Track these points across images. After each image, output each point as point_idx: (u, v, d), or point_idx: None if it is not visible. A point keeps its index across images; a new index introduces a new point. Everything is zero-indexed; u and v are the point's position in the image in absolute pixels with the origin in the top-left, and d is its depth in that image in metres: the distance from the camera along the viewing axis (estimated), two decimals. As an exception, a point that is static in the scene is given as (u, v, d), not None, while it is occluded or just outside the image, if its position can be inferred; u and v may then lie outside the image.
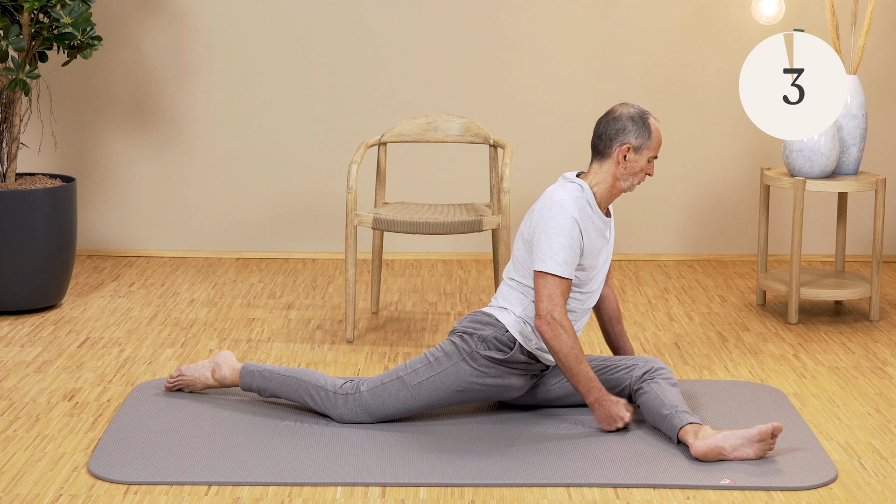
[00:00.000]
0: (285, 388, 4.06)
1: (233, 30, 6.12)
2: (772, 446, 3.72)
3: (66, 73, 6.05)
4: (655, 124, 3.99)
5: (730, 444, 3.71)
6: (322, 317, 5.24)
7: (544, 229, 3.91)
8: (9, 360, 4.63)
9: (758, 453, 3.71)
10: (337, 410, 3.97)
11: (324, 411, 3.99)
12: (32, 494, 3.49)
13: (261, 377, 4.11)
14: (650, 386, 3.95)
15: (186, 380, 4.22)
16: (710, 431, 3.75)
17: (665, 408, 3.86)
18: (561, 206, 3.91)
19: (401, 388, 3.95)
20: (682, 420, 3.81)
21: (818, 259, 6.27)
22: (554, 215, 3.91)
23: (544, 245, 3.89)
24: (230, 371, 4.18)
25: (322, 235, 6.24)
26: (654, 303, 5.52)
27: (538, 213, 3.96)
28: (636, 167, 3.99)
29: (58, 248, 5.20)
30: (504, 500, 3.50)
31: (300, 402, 4.05)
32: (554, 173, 6.18)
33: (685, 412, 3.84)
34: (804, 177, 5.19)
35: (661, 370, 4.01)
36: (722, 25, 6.12)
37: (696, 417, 3.82)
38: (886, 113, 6.18)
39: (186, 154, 6.20)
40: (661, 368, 4.02)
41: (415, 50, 6.13)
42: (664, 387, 3.94)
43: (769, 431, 3.69)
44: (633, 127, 3.96)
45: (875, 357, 4.79)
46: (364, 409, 3.95)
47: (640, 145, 3.98)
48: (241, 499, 3.48)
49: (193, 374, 4.22)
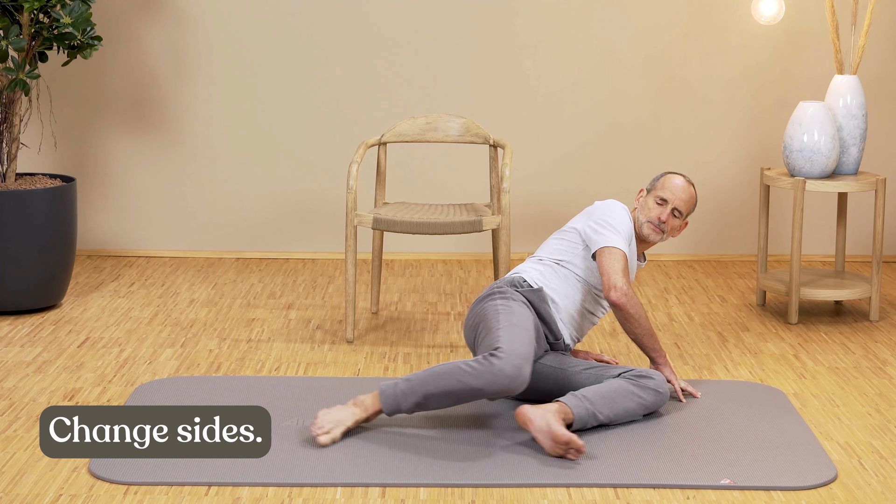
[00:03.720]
0: (433, 379, 3.82)
1: (233, 30, 6.12)
2: (568, 456, 3.70)
3: (66, 73, 6.05)
4: (676, 176, 4.34)
5: (538, 424, 3.74)
6: (322, 317, 5.24)
7: (604, 216, 4.24)
8: (9, 360, 4.63)
9: (550, 450, 3.72)
10: (495, 370, 3.78)
11: (482, 384, 3.78)
12: (32, 494, 3.49)
13: (403, 382, 3.86)
14: (618, 381, 4.01)
15: (333, 417, 3.86)
16: (559, 409, 3.82)
17: (588, 392, 3.95)
18: (618, 205, 4.30)
19: (512, 328, 3.97)
20: (569, 401, 3.89)
21: (818, 259, 6.27)
22: (613, 208, 4.27)
23: (606, 226, 4.21)
24: (370, 396, 3.91)
25: (322, 235, 6.24)
26: (654, 303, 5.52)
27: (598, 207, 4.30)
28: (646, 207, 4.31)
29: (58, 248, 5.20)
30: (504, 500, 3.50)
31: (454, 390, 3.80)
32: (554, 173, 6.19)
33: (575, 396, 3.90)
34: (804, 177, 5.19)
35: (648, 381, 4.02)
36: (722, 25, 6.12)
37: (580, 407, 3.86)
38: (886, 113, 6.18)
39: (186, 154, 6.20)
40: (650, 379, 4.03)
41: (415, 50, 6.13)
42: (617, 386, 3.97)
43: (566, 441, 3.68)
44: (655, 178, 4.39)
45: (875, 357, 4.79)
46: (516, 354, 3.84)
47: (651, 187, 4.35)
48: (241, 499, 3.48)
49: (337, 415, 3.87)
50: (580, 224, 4.28)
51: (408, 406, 3.85)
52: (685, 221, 4.36)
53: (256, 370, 4.56)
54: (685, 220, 4.36)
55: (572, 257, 4.25)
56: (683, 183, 4.32)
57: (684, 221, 4.36)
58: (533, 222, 6.20)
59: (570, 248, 4.26)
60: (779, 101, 6.13)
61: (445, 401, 3.84)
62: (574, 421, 3.87)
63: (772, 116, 6.15)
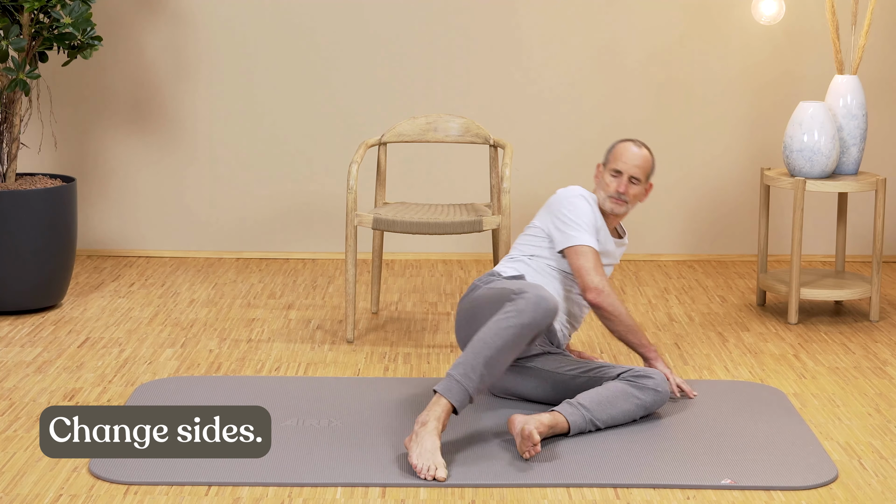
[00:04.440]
0: (482, 346, 3.73)
1: (233, 30, 6.12)
2: (530, 451, 3.67)
3: (66, 73, 6.05)
4: (625, 143, 4.26)
5: (517, 427, 3.71)
6: (322, 317, 5.24)
7: (565, 211, 4.21)
8: (9, 360, 4.63)
9: (519, 448, 3.70)
10: (532, 298, 3.78)
11: (529, 318, 3.75)
12: (32, 494, 3.49)
13: (456, 369, 3.73)
14: (615, 384, 3.99)
15: (425, 452, 3.64)
16: (550, 419, 3.80)
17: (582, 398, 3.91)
18: (577, 193, 4.25)
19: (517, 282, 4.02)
20: (564, 410, 3.86)
21: (818, 259, 6.27)
22: (572, 200, 4.23)
23: (569, 223, 4.19)
24: (432, 405, 3.71)
25: (322, 235, 6.24)
26: (654, 303, 5.52)
27: (557, 199, 4.25)
28: (604, 182, 4.27)
29: (58, 248, 5.20)
30: (504, 500, 3.50)
31: (507, 339, 3.73)
32: (554, 173, 6.18)
33: (570, 404, 3.87)
34: (804, 177, 5.19)
35: (647, 381, 4.00)
36: (722, 25, 6.12)
37: (575, 415, 3.84)
38: (886, 113, 6.18)
39: (186, 154, 6.20)
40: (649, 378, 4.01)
41: (415, 50, 6.13)
42: (614, 388, 3.96)
43: (526, 434, 3.64)
44: (607, 150, 4.33)
45: (875, 357, 4.79)
46: (536, 286, 3.88)
47: (605, 160, 4.30)
48: (241, 499, 3.48)
49: (423, 447, 3.65)
50: (543, 222, 4.28)
51: (475, 384, 3.70)
52: (649, 184, 4.30)
53: (256, 370, 4.56)
54: (649, 183, 4.30)
55: (541, 251, 4.26)
56: (634, 148, 4.26)
57: (648, 184, 4.29)
58: (533, 222, 6.20)
59: (537, 242, 4.27)
60: (779, 101, 6.13)
61: (504, 355, 3.74)
62: (570, 429, 3.86)
63: (772, 116, 6.15)
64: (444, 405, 3.69)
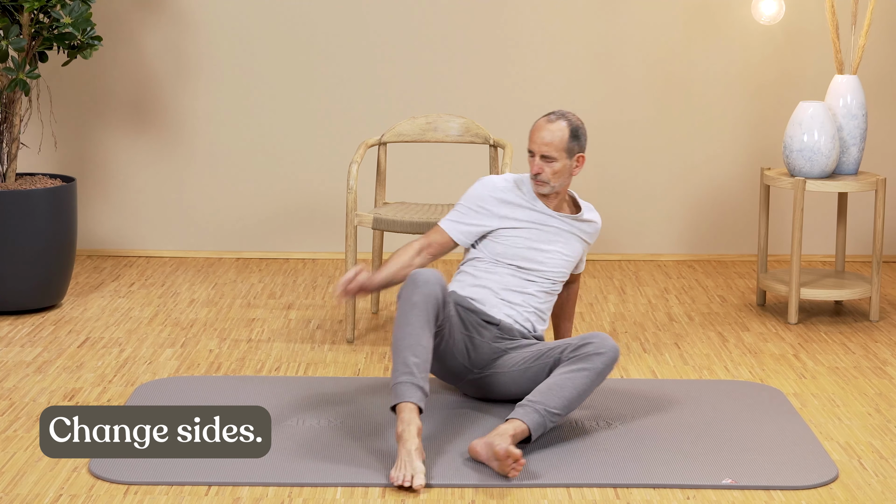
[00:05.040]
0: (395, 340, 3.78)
1: (233, 29, 6.12)
2: (514, 469, 3.56)
3: (66, 73, 6.05)
4: (539, 121, 4.15)
5: (485, 454, 3.63)
6: (322, 317, 5.24)
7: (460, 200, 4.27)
8: (9, 360, 4.63)
9: (499, 469, 3.59)
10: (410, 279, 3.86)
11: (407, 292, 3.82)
12: (32, 494, 3.49)
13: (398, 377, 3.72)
14: (559, 368, 3.88)
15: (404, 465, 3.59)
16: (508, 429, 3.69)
17: (535, 394, 3.81)
18: (483, 179, 4.26)
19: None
20: (516, 413, 3.75)
21: (818, 259, 6.27)
22: (472, 186, 4.26)
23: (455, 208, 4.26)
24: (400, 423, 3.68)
25: (322, 235, 6.24)
26: (654, 303, 5.52)
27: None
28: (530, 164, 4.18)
29: (58, 248, 5.20)
30: (504, 500, 3.50)
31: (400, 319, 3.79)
32: (554, 173, 6.19)
33: (522, 406, 3.76)
34: (804, 177, 5.19)
35: (587, 347, 3.88)
36: (722, 25, 6.12)
37: (530, 414, 3.73)
38: (886, 113, 6.18)
39: (186, 154, 6.20)
40: (588, 345, 3.89)
41: (415, 50, 6.13)
42: (559, 372, 3.85)
43: (504, 455, 3.55)
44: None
45: (875, 357, 4.79)
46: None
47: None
48: (241, 499, 3.48)
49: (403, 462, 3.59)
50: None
51: (417, 375, 3.70)
52: (578, 157, 4.11)
53: (256, 370, 4.56)
54: (577, 156, 4.10)
55: (478, 253, 4.22)
56: (547, 124, 4.10)
57: (576, 157, 4.10)
58: (533, 222, 6.20)
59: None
60: (779, 101, 6.13)
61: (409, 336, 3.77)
62: (530, 429, 3.74)
63: (772, 116, 6.15)
64: (411, 413, 3.65)
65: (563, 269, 4.22)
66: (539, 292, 4.19)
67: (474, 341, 4.08)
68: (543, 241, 4.19)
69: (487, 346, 4.08)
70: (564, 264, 4.22)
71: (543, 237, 4.19)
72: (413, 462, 3.55)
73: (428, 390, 3.72)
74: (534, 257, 4.16)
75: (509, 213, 4.18)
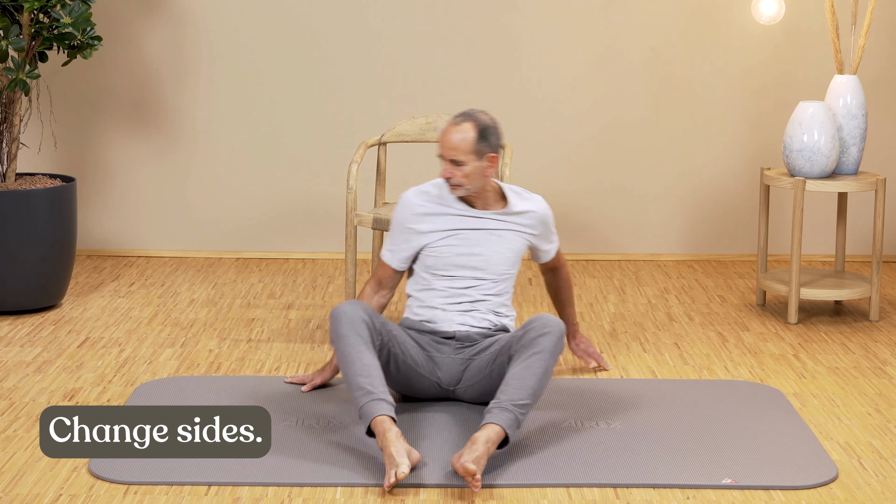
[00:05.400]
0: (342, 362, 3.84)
1: (233, 29, 6.12)
2: (473, 485, 3.48)
3: (66, 73, 6.05)
4: (447, 126, 4.09)
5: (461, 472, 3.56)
6: (322, 317, 5.24)
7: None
8: (9, 360, 4.63)
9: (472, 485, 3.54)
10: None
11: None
12: (32, 494, 3.49)
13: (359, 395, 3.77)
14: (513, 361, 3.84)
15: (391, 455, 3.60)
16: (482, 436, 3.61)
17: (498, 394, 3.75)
18: (401, 197, 4.29)
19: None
20: (487, 418, 3.69)
21: (818, 259, 6.27)
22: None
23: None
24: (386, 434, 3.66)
25: (322, 235, 6.24)
26: (654, 303, 5.52)
27: None
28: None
29: (58, 248, 5.20)
30: (504, 500, 3.50)
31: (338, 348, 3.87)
32: (554, 173, 6.19)
33: (490, 412, 3.69)
34: (804, 177, 5.19)
35: (531, 332, 3.84)
36: (722, 25, 6.12)
37: (500, 414, 3.66)
38: (886, 113, 6.18)
39: (186, 154, 6.20)
40: (530, 330, 3.85)
41: (415, 50, 6.13)
42: (514, 365, 3.80)
43: (462, 471, 3.49)
44: None
45: (875, 357, 4.79)
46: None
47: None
48: (241, 499, 3.48)
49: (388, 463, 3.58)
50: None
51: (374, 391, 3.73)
52: (489, 157, 4.04)
53: (256, 370, 4.56)
54: (489, 156, 4.04)
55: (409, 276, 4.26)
56: (450, 127, 4.05)
57: (488, 156, 4.04)
58: (533, 222, 6.20)
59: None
60: (779, 101, 6.13)
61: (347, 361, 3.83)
62: (505, 429, 3.67)
63: (772, 116, 6.15)
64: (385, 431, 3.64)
65: (504, 266, 4.17)
66: (486, 295, 4.16)
67: (436, 360, 4.09)
68: (473, 244, 4.15)
69: (450, 360, 4.09)
70: (504, 261, 4.17)
71: (473, 239, 4.15)
72: (395, 458, 3.52)
73: (391, 399, 3.73)
74: (466, 262, 4.14)
75: (431, 225, 4.17)
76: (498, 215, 4.19)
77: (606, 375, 4.53)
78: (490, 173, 4.09)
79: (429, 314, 4.14)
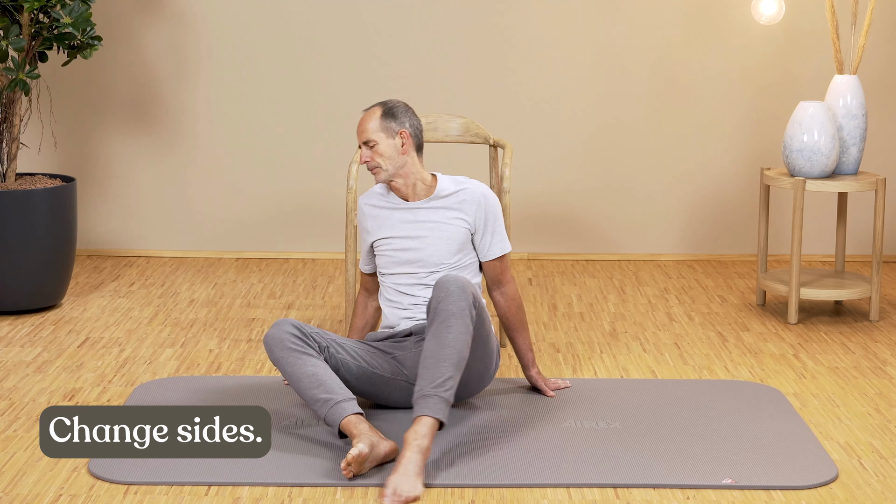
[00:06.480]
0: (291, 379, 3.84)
1: (233, 30, 6.12)
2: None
3: (66, 73, 6.05)
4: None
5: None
6: (322, 317, 5.24)
7: None
8: (9, 360, 4.63)
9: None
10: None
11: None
12: (32, 494, 3.49)
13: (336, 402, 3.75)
14: (427, 335, 3.78)
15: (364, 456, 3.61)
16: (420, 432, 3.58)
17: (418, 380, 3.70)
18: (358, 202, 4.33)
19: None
20: (415, 411, 3.63)
21: (818, 259, 6.27)
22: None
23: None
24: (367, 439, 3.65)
25: (322, 235, 6.24)
26: (654, 303, 5.52)
27: None
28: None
29: (58, 248, 5.21)
30: (504, 500, 3.50)
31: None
32: (554, 173, 6.19)
33: (417, 403, 3.63)
34: (804, 177, 5.19)
35: (433, 301, 3.79)
36: (722, 25, 6.12)
37: (429, 401, 3.61)
38: (886, 113, 6.18)
39: (186, 154, 6.20)
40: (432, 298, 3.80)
41: (415, 50, 6.13)
42: (431, 337, 3.73)
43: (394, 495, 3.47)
44: None
45: (875, 357, 4.79)
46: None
47: None
48: (241, 499, 3.48)
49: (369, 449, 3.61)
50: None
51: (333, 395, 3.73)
52: (401, 131, 4.07)
53: (256, 370, 4.56)
54: (400, 131, 4.07)
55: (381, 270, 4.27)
56: (363, 115, 4.13)
57: (399, 132, 4.07)
58: (533, 222, 6.21)
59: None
60: (779, 101, 6.13)
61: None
62: (436, 416, 3.61)
63: (772, 116, 6.15)
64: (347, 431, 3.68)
65: (443, 257, 4.12)
66: (428, 285, 4.14)
67: (399, 358, 4.07)
68: (411, 236, 4.15)
69: (413, 355, 4.06)
70: (445, 246, 4.12)
71: (411, 231, 4.16)
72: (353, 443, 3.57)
73: (349, 394, 3.74)
74: (409, 258, 4.15)
75: (377, 224, 4.22)
76: (427, 203, 4.18)
77: (606, 375, 4.53)
78: (406, 151, 4.11)
79: (391, 315, 4.17)
